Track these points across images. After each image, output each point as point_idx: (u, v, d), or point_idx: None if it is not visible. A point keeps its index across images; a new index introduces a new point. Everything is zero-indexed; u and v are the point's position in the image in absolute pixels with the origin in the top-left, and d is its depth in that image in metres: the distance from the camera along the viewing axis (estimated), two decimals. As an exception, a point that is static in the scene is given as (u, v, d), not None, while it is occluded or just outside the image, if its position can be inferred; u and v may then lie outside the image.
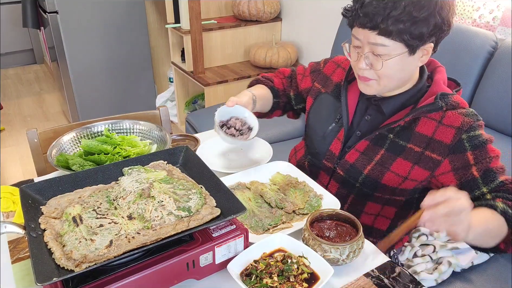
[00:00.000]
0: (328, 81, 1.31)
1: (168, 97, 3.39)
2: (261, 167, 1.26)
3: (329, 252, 0.91)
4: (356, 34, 1.06)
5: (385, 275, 0.94)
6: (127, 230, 0.85)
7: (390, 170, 1.13)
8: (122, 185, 0.99)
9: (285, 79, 1.43)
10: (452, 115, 1.08)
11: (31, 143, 1.47)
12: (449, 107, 1.08)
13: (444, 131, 1.07)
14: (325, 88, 1.31)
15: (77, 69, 3.24)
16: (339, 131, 1.22)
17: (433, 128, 1.09)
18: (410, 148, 1.10)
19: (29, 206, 0.92)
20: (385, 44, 1.01)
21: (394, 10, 0.97)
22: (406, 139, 1.11)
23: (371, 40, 1.02)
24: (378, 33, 1.00)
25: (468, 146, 1.05)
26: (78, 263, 0.77)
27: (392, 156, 1.13)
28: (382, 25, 0.99)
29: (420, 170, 1.10)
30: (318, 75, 1.35)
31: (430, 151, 1.08)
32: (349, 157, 1.19)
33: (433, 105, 1.08)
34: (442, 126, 1.08)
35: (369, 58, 1.05)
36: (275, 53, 2.79)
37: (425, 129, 1.09)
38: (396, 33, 0.99)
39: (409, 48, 1.02)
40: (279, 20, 3.03)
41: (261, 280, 0.85)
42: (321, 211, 1.02)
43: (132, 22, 3.31)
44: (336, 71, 1.30)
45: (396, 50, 1.02)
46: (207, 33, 2.82)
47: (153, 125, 1.39)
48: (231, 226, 0.92)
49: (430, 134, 1.09)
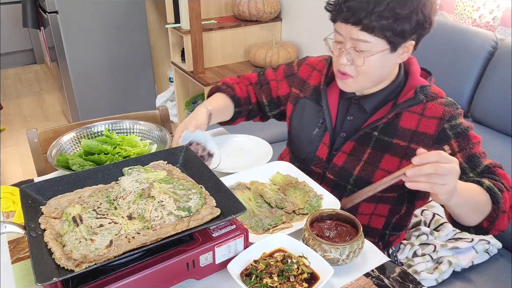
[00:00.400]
0: (306, 85, 1.30)
1: (168, 97, 3.39)
2: (261, 167, 1.26)
3: (329, 252, 0.91)
4: (339, 29, 1.07)
5: (385, 275, 0.94)
6: (127, 230, 0.85)
7: (379, 168, 1.14)
8: (122, 185, 0.99)
9: (252, 85, 1.41)
10: (433, 107, 1.10)
11: (31, 143, 1.47)
12: (429, 99, 1.11)
13: (426, 123, 1.10)
14: (303, 93, 1.30)
15: (77, 69, 3.24)
16: (324, 135, 1.22)
17: (416, 121, 1.10)
18: (396, 143, 1.12)
19: (29, 206, 0.92)
20: (367, 40, 1.02)
21: (378, 6, 0.98)
22: (391, 135, 1.12)
23: (354, 36, 1.03)
24: (361, 29, 1.01)
25: (452, 134, 1.08)
26: (78, 263, 0.77)
27: (379, 154, 1.13)
28: (365, 21, 0.99)
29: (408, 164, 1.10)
30: (294, 80, 1.34)
31: (415, 144, 1.10)
32: (337, 160, 1.19)
33: (414, 100, 1.10)
34: (424, 119, 1.10)
35: (350, 54, 1.06)
36: (275, 53, 2.79)
37: (408, 123, 1.11)
38: (379, 29, 1.00)
39: (391, 45, 1.03)
40: (279, 20, 3.03)
41: (261, 280, 0.85)
42: (321, 211, 1.02)
43: (132, 22, 3.31)
44: (312, 75, 1.30)
45: (378, 46, 1.03)
46: (207, 33, 2.82)
47: (153, 125, 1.39)
48: (231, 226, 0.92)
49: (414, 127, 1.10)
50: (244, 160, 1.34)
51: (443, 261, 1.36)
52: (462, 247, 1.39)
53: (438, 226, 1.47)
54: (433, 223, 1.49)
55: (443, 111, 1.09)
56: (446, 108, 1.09)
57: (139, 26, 3.36)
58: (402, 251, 1.40)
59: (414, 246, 1.41)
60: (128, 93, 3.54)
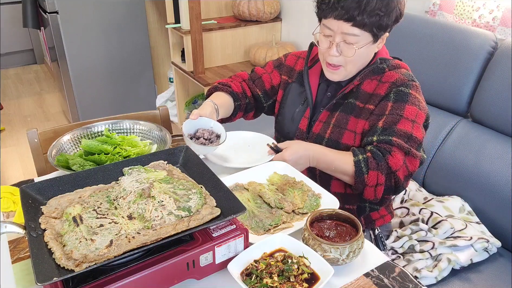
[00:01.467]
0: (292, 72, 1.45)
1: (168, 97, 3.39)
2: (258, 167, 1.26)
3: (329, 252, 0.91)
4: (329, 24, 1.19)
5: (385, 275, 0.94)
6: (127, 230, 0.85)
7: (347, 129, 1.28)
8: (122, 185, 0.99)
9: (245, 82, 1.52)
10: (390, 74, 1.25)
11: (31, 143, 1.47)
12: (390, 68, 1.26)
13: (381, 87, 1.25)
14: (291, 78, 1.45)
15: (77, 69, 3.24)
16: (305, 111, 1.37)
17: (374, 86, 1.26)
18: (358, 105, 1.27)
19: (29, 206, 0.92)
20: (356, 34, 1.16)
21: (368, 6, 1.12)
22: (355, 98, 1.28)
23: (344, 31, 1.16)
24: (353, 25, 1.15)
25: (393, 97, 1.22)
26: (78, 263, 0.77)
27: (345, 116, 1.28)
28: (358, 18, 1.13)
29: (362, 122, 1.25)
30: (283, 68, 1.48)
31: (368, 104, 1.26)
32: (315, 129, 1.33)
33: (374, 65, 1.25)
34: (381, 84, 1.25)
35: (340, 47, 1.20)
36: (275, 53, 2.79)
37: (368, 87, 1.27)
38: (369, 24, 1.15)
39: (374, 37, 1.19)
40: (279, 20, 3.03)
41: (261, 280, 0.85)
42: (321, 211, 1.02)
43: (132, 22, 3.31)
44: (298, 62, 1.46)
45: (364, 39, 1.18)
46: (207, 33, 2.82)
47: (153, 125, 1.39)
48: (231, 226, 0.92)
49: (372, 91, 1.26)
50: (251, 156, 1.35)
51: (442, 258, 1.37)
52: (460, 245, 1.39)
53: (435, 224, 1.48)
54: (431, 221, 1.49)
55: (397, 78, 1.23)
56: (401, 76, 1.24)
57: (139, 26, 3.35)
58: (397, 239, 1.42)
59: (412, 240, 1.42)
60: (128, 93, 3.54)
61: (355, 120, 1.27)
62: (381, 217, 1.39)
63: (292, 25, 2.96)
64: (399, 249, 1.42)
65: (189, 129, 1.27)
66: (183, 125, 1.25)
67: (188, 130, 1.26)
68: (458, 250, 1.40)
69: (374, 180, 1.16)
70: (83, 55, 3.22)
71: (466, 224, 1.48)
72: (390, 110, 1.20)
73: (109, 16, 3.20)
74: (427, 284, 1.32)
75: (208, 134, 1.28)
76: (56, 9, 3.00)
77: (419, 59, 1.82)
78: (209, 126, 1.29)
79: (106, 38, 3.26)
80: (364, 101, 1.26)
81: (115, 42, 3.30)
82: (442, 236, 1.44)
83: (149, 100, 3.63)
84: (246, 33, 2.99)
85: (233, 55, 3.03)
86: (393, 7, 1.16)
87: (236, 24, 2.92)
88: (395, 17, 1.18)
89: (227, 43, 2.95)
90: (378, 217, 1.38)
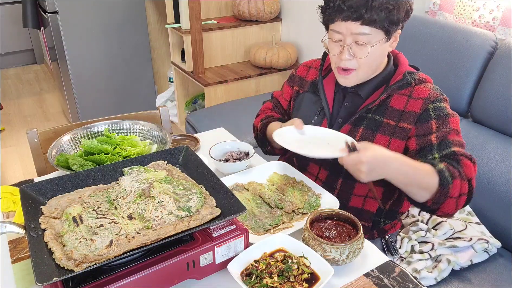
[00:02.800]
0: (304, 82, 1.39)
1: (168, 97, 3.39)
2: (258, 167, 1.26)
3: (329, 252, 0.91)
4: (337, 28, 1.13)
5: (385, 275, 0.94)
6: (127, 230, 0.85)
7: None
8: (122, 185, 0.99)
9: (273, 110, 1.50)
10: (420, 89, 1.19)
11: (31, 143, 1.47)
12: (417, 82, 1.20)
13: (413, 103, 1.18)
14: (302, 89, 1.39)
15: (77, 69, 3.24)
16: (322, 122, 1.29)
17: (404, 102, 1.19)
18: (386, 122, 1.19)
19: (29, 206, 0.92)
20: (367, 33, 1.11)
21: (375, 0, 1.07)
22: (382, 115, 1.20)
23: (354, 31, 1.11)
24: (362, 23, 1.09)
25: (433, 114, 1.16)
26: (78, 263, 0.77)
27: (371, 133, 1.20)
28: (367, 15, 1.08)
29: (397, 141, 1.18)
30: (294, 80, 1.43)
31: (402, 122, 1.18)
32: None
33: (403, 81, 1.19)
34: (412, 100, 1.18)
35: (352, 48, 1.14)
36: (275, 53, 2.79)
37: (397, 104, 1.19)
38: (379, 20, 1.09)
39: (386, 34, 1.13)
40: (279, 20, 3.03)
41: (261, 280, 0.85)
42: (321, 211, 1.02)
43: (132, 22, 3.31)
44: (309, 72, 1.39)
45: (376, 37, 1.12)
46: (207, 33, 2.82)
47: (153, 125, 1.39)
48: (231, 226, 0.92)
49: (402, 108, 1.19)
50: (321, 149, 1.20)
51: (442, 259, 1.36)
52: (460, 246, 1.39)
53: (435, 225, 1.48)
54: (431, 222, 1.49)
55: (429, 93, 1.17)
56: (432, 91, 1.18)
57: (139, 26, 3.35)
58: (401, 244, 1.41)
59: (412, 241, 1.42)
60: (128, 93, 3.54)
61: (383, 138, 1.19)
62: (393, 226, 1.37)
63: (292, 25, 2.96)
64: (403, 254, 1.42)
65: (217, 155, 1.32)
66: (210, 151, 1.30)
67: (216, 156, 1.31)
68: (458, 251, 1.40)
69: (458, 189, 1.07)
70: (83, 55, 3.22)
71: (466, 225, 1.48)
72: (436, 128, 1.14)
73: (109, 16, 3.20)
74: (426, 285, 1.32)
75: (236, 154, 1.33)
76: (56, 9, 3.00)
77: (419, 59, 1.81)
78: (236, 148, 1.35)
79: (106, 38, 3.26)
80: (395, 119, 1.18)
81: (115, 42, 3.30)
82: (441, 237, 1.44)
83: (149, 100, 3.63)
84: (246, 33, 2.99)
85: (233, 55, 3.03)
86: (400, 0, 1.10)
87: (236, 24, 2.92)
88: (405, 11, 1.12)
89: (227, 43, 2.95)
90: (390, 227, 1.36)
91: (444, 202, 1.07)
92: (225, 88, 2.80)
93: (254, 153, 1.30)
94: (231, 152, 1.34)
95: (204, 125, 2.33)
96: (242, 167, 1.26)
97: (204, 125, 2.31)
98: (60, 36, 3.08)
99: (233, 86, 2.82)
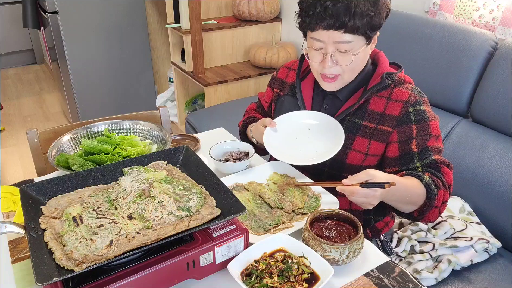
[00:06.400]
0: (284, 84, 1.39)
1: (168, 97, 3.39)
2: (258, 167, 1.26)
3: (329, 252, 0.91)
4: (318, 36, 1.11)
5: (385, 275, 0.94)
6: (127, 230, 0.85)
7: (351, 149, 1.21)
8: (122, 185, 0.99)
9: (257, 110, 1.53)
10: (399, 91, 1.18)
11: (31, 143, 1.47)
12: (396, 83, 1.19)
13: (393, 106, 1.18)
14: (283, 91, 1.39)
15: (77, 69, 3.24)
16: None
17: (383, 104, 1.19)
18: (365, 125, 1.20)
19: (29, 206, 0.92)
20: (350, 41, 1.09)
21: (357, 7, 1.05)
22: (361, 118, 1.21)
23: (337, 39, 1.09)
24: (344, 31, 1.08)
25: (414, 119, 1.16)
26: (78, 263, 0.77)
27: (351, 136, 1.21)
28: (350, 23, 1.06)
29: (376, 144, 1.19)
30: (275, 82, 1.43)
31: (382, 125, 1.18)
32: None
33: (381, 84, 1.18)
34: (391, 102, 1.18)
35: (335, 56, 1.13)
36: (275, 53, 2.79)
37: (376, 106, 1.19)
38: (361, 27, 1.08)
39: (367, 40, 1.12)
40: (279, 20, 3.03)
41: (261, 280, 0.85)
42: (321, 211, 1.02)
43: (132, 22, 3.31)
44: (289, 74, 1.39)
45: (358, 44, 1.11)
46: (207, 33, 2.82)
47: (153, 125, 1.39)
48: (231, 226, 0.92)
49: (382, 110, 1.19)
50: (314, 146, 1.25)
51: (442, 259, 1.36)
52: (461, 246, 1.39)
53: (435, 224, 1.48)
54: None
55: (409, 96, 1.17)
56: (412, 94, 1.17)
57: (139, 26, 3.35)
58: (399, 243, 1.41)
59: (411, 240, 1.42)
60: (128, 93, 3.54)
61: (363, 140, 1.20)
62: (386, 225, 1.38)
63: (292, 25, 2.96)
64: (401, 253, 1.42)
65: (217, 155, 1.31)
66: (210, 151, 1.29)
67: (216, 156, 1.30)
68: (458, 251, 1.40)
69: (441, 198, 1.10)
70: (83, 55, 3.22)
71: (466, 225, 1.48)
72: (417, 133, 1.15)
73: (109, 16, 3.20)
74: (427, 285, 1.32)
75: (236, 154, 1.33)
76: (56, 9, 3.00)
77: (419, 59, 1.81)
78: (235, 148, 1.35)
79: (106, 38, 3.26)
80: (375, 122, 1.19)
81: (115, 42, 3.30)
82: (442, 236, 1.44)
83: (149, 100, 3.63)
84: (246, 33, 2.99)
85: (233, 55, 3.03)
86: (382, 3, 1.09)
87: (236, 24, 2.92)
88: (385, 15, 1.13)
89: (227, 43, 2.95)
90: (383, 225, 1.37)
91: (428, 211, 1.11)
92: (225, 88, 2.80)
93: (254, 153, 1.31)
94: (231, 152, 1.34)
95: (204, 125, 2.33)
96: (242, 167, 1.26)
97: (204, 125, 2.31)
98: (60, 36, 3.08)
99: (233, 86, 2.82)
